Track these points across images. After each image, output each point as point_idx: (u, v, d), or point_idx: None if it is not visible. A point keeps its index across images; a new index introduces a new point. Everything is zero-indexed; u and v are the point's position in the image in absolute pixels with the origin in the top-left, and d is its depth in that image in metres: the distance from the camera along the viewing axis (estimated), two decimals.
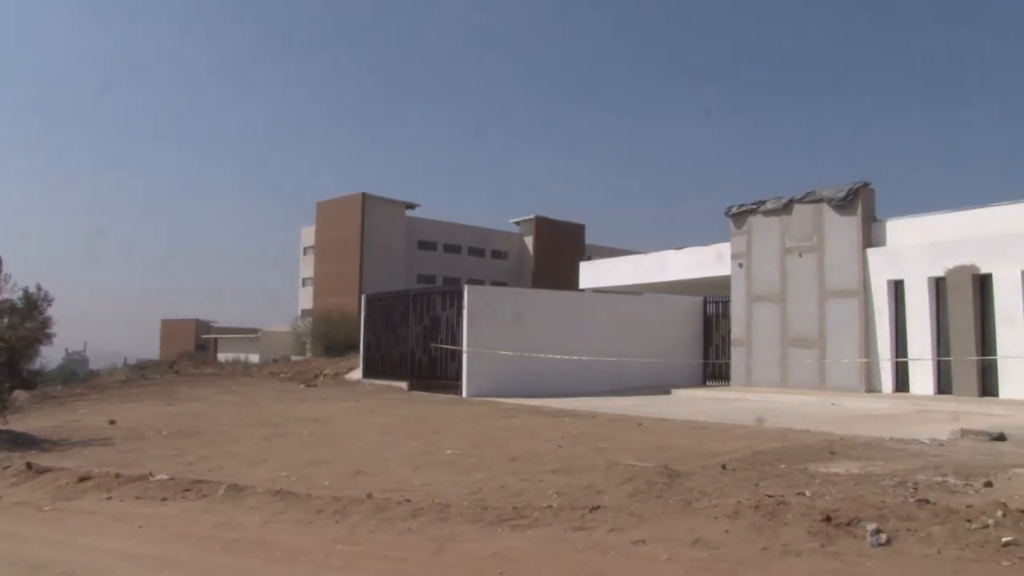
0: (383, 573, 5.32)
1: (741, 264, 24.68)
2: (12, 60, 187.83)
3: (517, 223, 78.43)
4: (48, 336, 14.27)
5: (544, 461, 10.19)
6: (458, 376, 22.04)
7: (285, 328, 59.08)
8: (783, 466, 9.37)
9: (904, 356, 20.67)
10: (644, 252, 32.04)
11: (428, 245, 70.51)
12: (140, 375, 32.34)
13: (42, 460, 10.14)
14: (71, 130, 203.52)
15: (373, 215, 65.05)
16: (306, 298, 67.89)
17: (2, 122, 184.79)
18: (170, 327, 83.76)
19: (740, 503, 6.47)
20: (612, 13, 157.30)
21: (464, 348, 21.75)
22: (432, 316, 23.66)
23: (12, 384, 14.49)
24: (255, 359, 51.34)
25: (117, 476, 8.68)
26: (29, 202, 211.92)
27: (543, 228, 75.96)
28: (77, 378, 36.56)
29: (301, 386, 25.81)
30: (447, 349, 22.64)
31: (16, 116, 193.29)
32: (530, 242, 76.18)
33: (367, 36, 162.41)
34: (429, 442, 12.28)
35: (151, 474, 8.77)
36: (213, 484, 8.12)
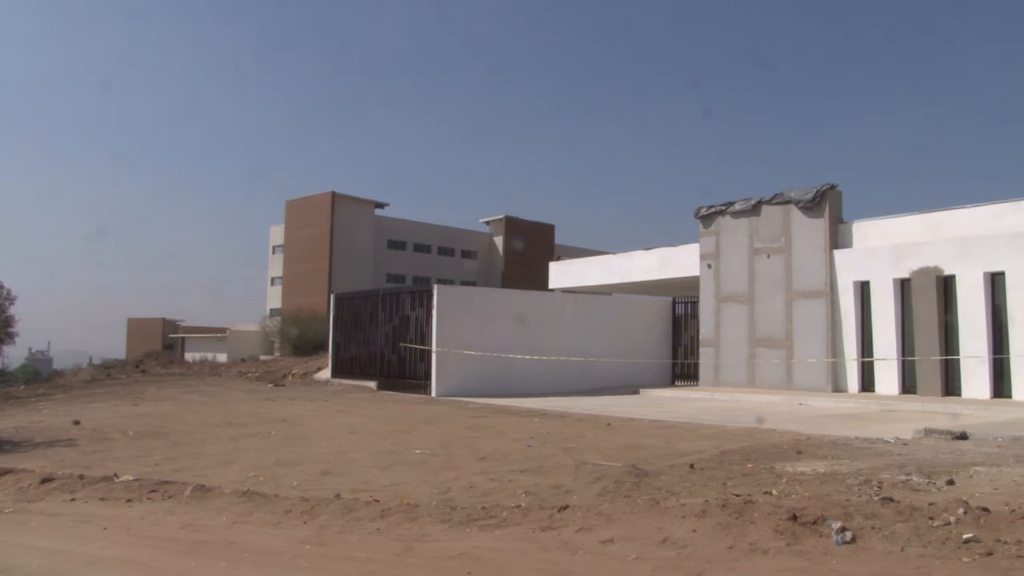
0: (351, 574, 5.29)
1: (710, 265, 24.84)
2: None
3: (487, 223, 78.39)
4: (10, 335, 14.09)
5: (513, 461, 10.19)
6: (427, 376, 21.99)
7: (254, 327, 58.61)
8: (750, 465, 9.45)
9: (870, 356, 20.92)
10: (613, 253, 32.17)
11: (398, 244, 70.28)
12: (105, 375, 31.92)
13: (3, 461, 9.99)
14: (22, 125, 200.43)
15: (342, 214, 64.72)
16: (275, 297, 67.45)
17: None
18: (137, 326, 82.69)
19: (708, 502, 6.51)
20: (585, 15, 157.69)
21: (433, 348, 21.70)
22: (401, 316, 23.59)
23: None
24: (223, 359, 50.92)
25: (81, 477, 8.56)
26: None
27: (513, 228, 75.96)
28: (40, 378, 36.10)
29: (269, 386, 25.62)
30: (416, 349, 22.58)
31: None
32: (500, 242, 76.15)
33: (337, 37, 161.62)
34: (398, 442, 12.24)
35: (116, 475, 8.66)
36: (179, 485, 8.03)
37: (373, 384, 23.91)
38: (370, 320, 24.97)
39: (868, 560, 4.97)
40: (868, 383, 21.03)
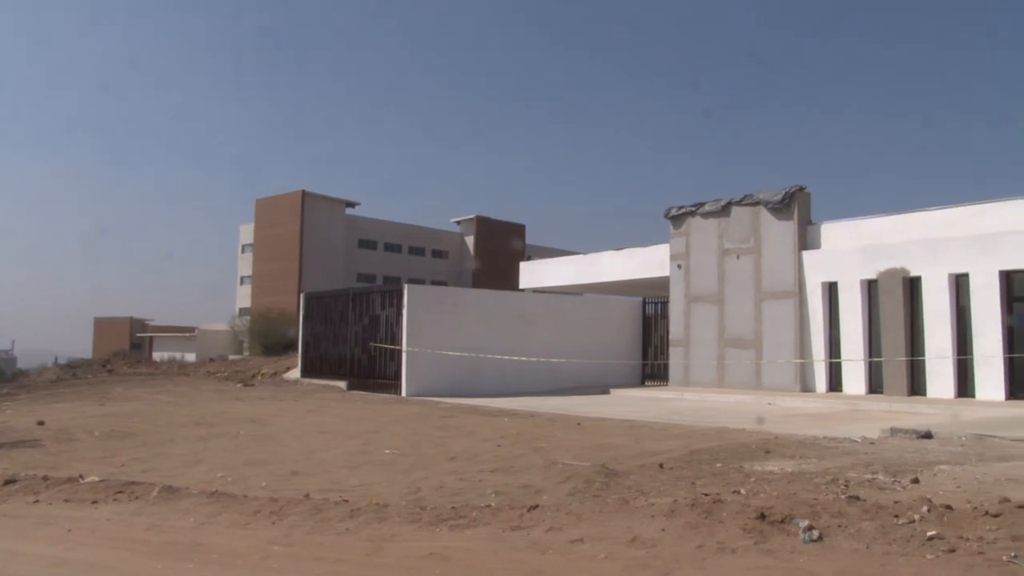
0: (320, 574, 5.26)
1: (680, 265, 24.97)
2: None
3: (458, 223, 78.36)
4: None
5: (483, 461, 10.19)
6: (397, 376, 21.92)
7: (223, 327, 58.15)
8: (719, 465, 9.51)
9: (838, 357, 21.13)
10: (584, 253, 32.26)
11: (368, 244, 70.07)
12: (71, 374, 31.53)
13: None
14: None
15: (313, 213, 64.42)
16: (244, 296, 66.96)
17: None
18: (104, 325, 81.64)
19: (677, 502, 6.55)
20: (548, 12, 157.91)
21: (404, 348, 21.64)
22: (372, 315, 23.50)
23: None
24: (191, 358, 50.45)
25: (45, 479, 8.44)
26: None
27: (484, 228, 76.00)
28: (4, 377, 35.50)
29: (238, 386, 25.42)
30: (387, 349, 22.50)
31: None
32: (471, 242, 76.15)
33: (304, 36, 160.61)
34: (367, 442, 12.19)
35: (81, 476, 8.55)
36: (146, 486, 7.95)
37: (343, 384, 23.80)
38: (340, 319, 24.85)
39: (834, 558, 5.02)
40: (836, 383, 21.24)
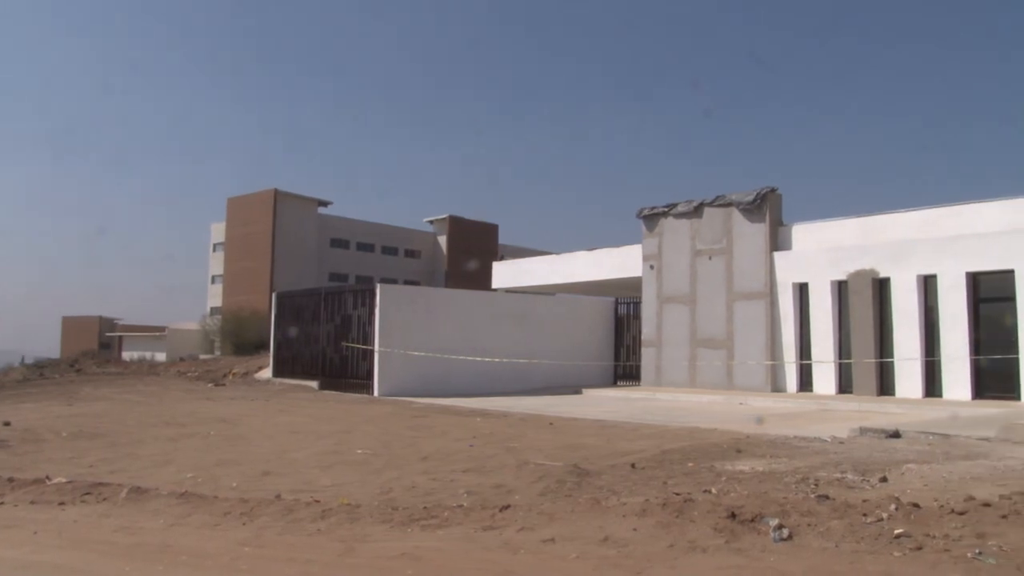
0: (291, 575, 5.24)
1: (652, 266, 25.07)
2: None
3: (431, 222, 78.28)
4: None
5: (455, 461, 10.18)
6: (369, 375, 21.86)
7: (193, 326, 57.70)
8: (691, 464, 9.56)
9: (808, 357, 21.31)
10: (557, 253, 32.32)
11: (341, 243, 69.81)
12: (38, 374, 31.19)
13: None
14: None
15: (285, 212, 64.11)
16: (215, 295, 66.46)
17: None
18: (72, 324, 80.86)
19: (648, 501, 6.57)
20: (534, 14, 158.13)
21: (376, 347, 21.57)
22: (344, 315, 23.41)
23: None
24: (162, 358, 50.03)
25: (11, 480, 8.33)
26: None
27: (457, 228, 75.99)
28: None
29: (209, 385, 25.24)
30: (359, 348, 22.42)
31: None
32: (443, 241, 76.09)
33: (279, 33, 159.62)
34: (339, 442, 12.14)
35: (48, 477, 8.45)
36: (115, 487, 7.87)
37: (315, 384, 23.69)
38: (312, 319, 24.73)
39: (804, 556, 5.06)
40: (806, 383, 21.42)
